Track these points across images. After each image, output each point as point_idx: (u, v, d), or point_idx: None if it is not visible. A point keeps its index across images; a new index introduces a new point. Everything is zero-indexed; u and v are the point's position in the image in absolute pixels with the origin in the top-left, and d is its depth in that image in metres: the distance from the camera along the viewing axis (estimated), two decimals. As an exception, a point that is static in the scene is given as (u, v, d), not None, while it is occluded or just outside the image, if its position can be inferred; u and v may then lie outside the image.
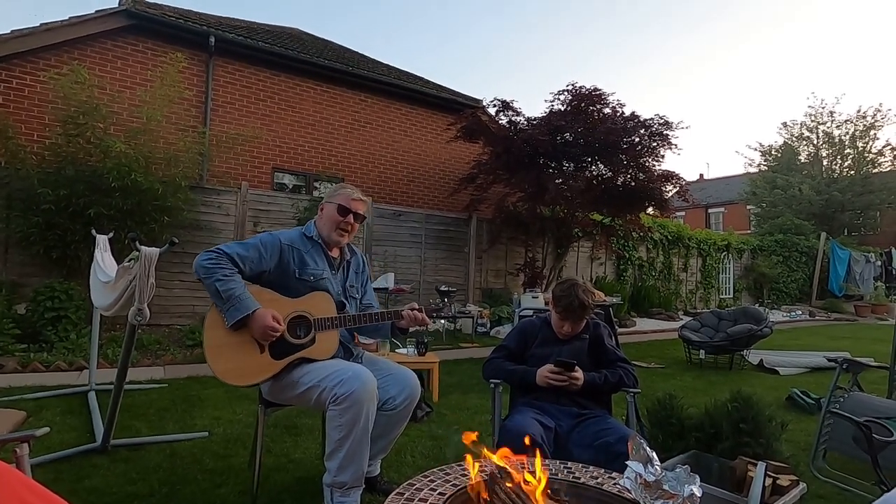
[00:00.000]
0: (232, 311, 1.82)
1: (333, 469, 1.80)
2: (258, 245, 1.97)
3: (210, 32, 7.33)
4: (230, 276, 1.85)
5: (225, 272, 1.85)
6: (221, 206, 6.54)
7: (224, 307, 1.83)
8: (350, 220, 2.07)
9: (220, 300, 1.83)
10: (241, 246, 1.96)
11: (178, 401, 3.49)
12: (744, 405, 2.28)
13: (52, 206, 5.02)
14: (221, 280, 1.83)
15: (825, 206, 18.92)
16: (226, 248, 1.92)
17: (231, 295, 1.82)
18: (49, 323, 4.81)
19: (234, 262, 1.90)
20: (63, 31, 6.42)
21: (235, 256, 1.90)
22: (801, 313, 12.62)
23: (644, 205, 8.61)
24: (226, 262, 1.87)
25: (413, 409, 2.06)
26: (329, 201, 2.11)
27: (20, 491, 0.56)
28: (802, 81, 65.91)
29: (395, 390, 1.99)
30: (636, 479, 1.12)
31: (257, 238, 2.02)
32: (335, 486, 1.81)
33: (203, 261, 1.86)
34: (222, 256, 1.88)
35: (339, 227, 2.06)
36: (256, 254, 1.95)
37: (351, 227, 2.08)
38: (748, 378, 5.12)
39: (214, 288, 1.83)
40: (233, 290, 1.83)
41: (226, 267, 1.86)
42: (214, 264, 1.85)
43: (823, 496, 2.40)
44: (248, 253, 1.94)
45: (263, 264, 1.97)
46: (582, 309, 2.09)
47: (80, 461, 2.42)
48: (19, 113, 6.12)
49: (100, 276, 2.90)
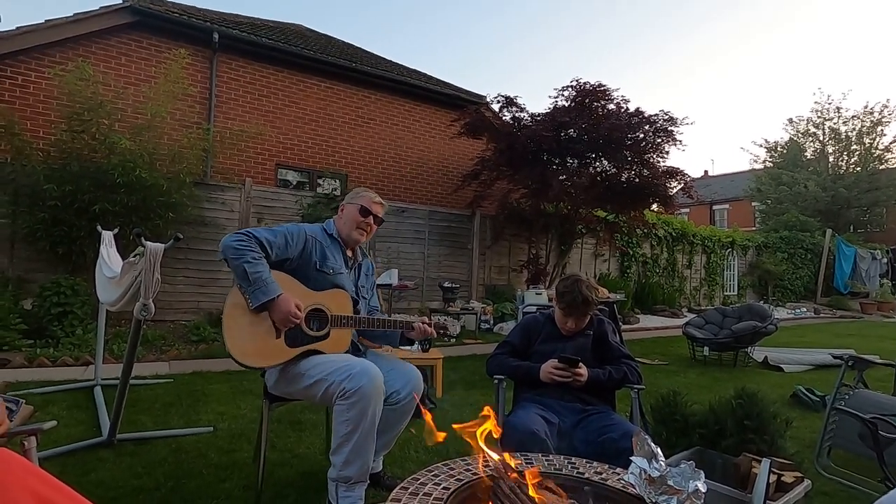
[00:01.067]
0: (257, 294, 1.85)
1: (339, 463, 1.81)
2: (285, 233, 2.02)
3: (214, 29, 7.33)
4: (258, 260, 1.88)
5: (254, 254, 1.88)
6: (225, 203, 6.56)
7: (249, 289, 1.86)
8: (370, 221, 2.18)
9: (247, 282, 1.85)
10: (269, 232, 2.00)
11: (183, 396, 3.51)
12: (748, 402, 2.27)
13: (58, 202, 5.05)
14: (251, 262, 1.85)
15: (831, 203, 18.81)
16: (255, 232, 1.94)
17: (258, 278, 1.85)
18: (55, 318, 4.84)
19: (263, 246, 1.92)
20: (67, 27, 6.44)
21: (264, 241, 1.93)
22: (806, 311, 12.57)
23: (648, 201, 8.56)
24: (255, 245, 1.90)
25: (415, 403, 2.07)
26: (351, 203, 2.20)
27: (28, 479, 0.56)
28: (809, 77, 65.41)
29: (399, 384, 2.00)
30: (640, 474, 1.11)
31: (284, 227, 2.07)
32: (340, 481, 1.82)
33: (232, 241, 1.88)
34: (252, 239, 1.91)
35: (360, 226, 2.16)
36: (283, 240, 2.00)
37: (370, 228, 2.19)
38: (752, 375, 5.11)
39: (243, 269, 1.84)
40: (260, 273, 1.86)
41: (254, 250, 1.89)
42: (245, 246, 1.88)
43: (828, 493, 2.39)
44: (276, 239, 1.98)
45: (289, 251, 2.01)
46: (585, 305, 2.08)
47: (87, 455, 2.44)
48: (25, 109, 6.14)
49: (105, 272, 2.92)
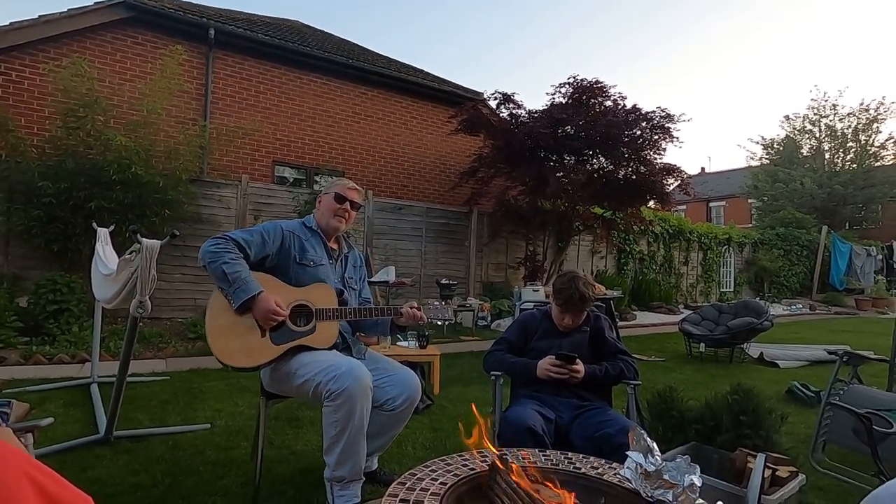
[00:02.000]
0: (238, 293, 1.86)
1: (332, 464, 1.82)
2: (261, 231, 2.05)
3: (210, 25, 7.29)
4: (236, 260, 1.90)
5: (231, 255, 1.90)
6: (222, 200, 6.54)
7: (230, 290, 1.87)
8: (346, 207, 2.17)
9: (227, 283, 1.86)
10: (245, 232, 2.03)
11: (180, 393, 3.51)
12: (744, 398, 2.28)
13: (53, 199, 5.02)
14: (228, 262, 1.87)
15: (827, 200, 18.87)
16: (231, 234, 1.98)
17: (237, 277, 1.86)
18: (51, 316, 4.83)
19: (240, 246, 1.95)
20: (62, 23, 6.39)
21: (241, 241, 1.96)
22: (802, 307, 12.62)
23: (645, 198, 8.57)
24: (231, 247, 1.92)
25: (412, 409, 2.08)
26: (326, 192, 2.21)
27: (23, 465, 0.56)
28: (805, 74, 65.52)
29: (396, 391, 2.00)
30: (636, 469, 1.12)
31: (260, 226, 2.09)
32: (334, 481, 1.83)
33: (209, 246, 1.91)
34: (228, 241, 1.93)
35: (336, 213, 2.15)
36: (260, 238, 2.01)
37: (348, 215, 2.18)
38: (748, 371, 5.13)
39: (221, 271, 1.86)
40: (238, 272, 1.87)
41: (231, 251, 1.91)
42: (221, 248, 1.90)
43: (823, 488, 2.42)
44: (252, 238, 2.00)
45: (267, 248, 2.03)
46: (582, 301, 2.09)
47: (84, 452, 2.44)
48: (19, 106, 6.10)
49: (101, 269, 2.91)
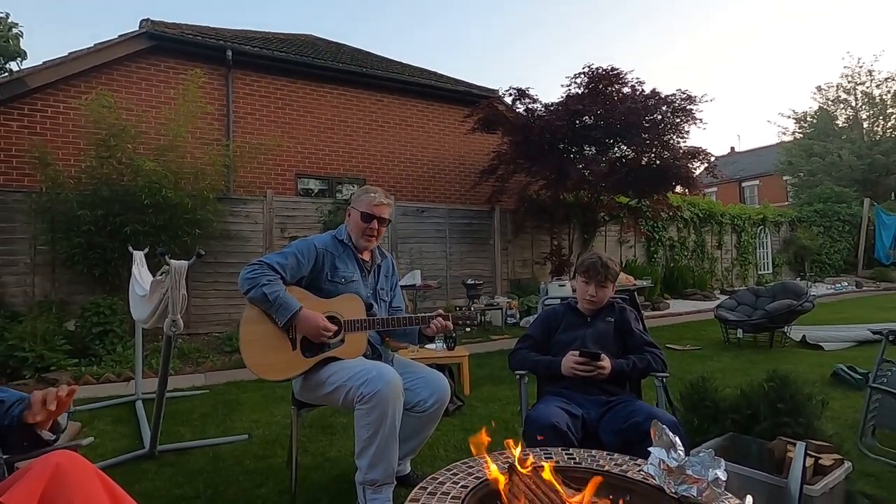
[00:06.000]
0: (281, 312, 1.92)
1: (364, 467, 1.85)
2: (295, 252, 2.07)
3: (227, 46, 7.50)
4: (273, 281, 1.95)
5: (268, 277, 1.96)
6: (249, 215, 6.72)
7: (272, 310, 1.93)
8: (374, 226, 2.14)
9: (269, 304, 1.93)
10: (279, 255, 2.06)
11: (218, 405, 3.63)
12: (781, 384, 2.20)
13: (92, 226, 5.27)
14: (266, 284, 1.93)
15: (868, 171, 17.94)
16: (265, 259, 2.03)
17: (276, 297, 1.92)
18: (97, 337, 5.06)
19: (275, 269, 1.99)
20: (90, 57, 6.69)
21: (276, 265, 2.00)
22: (848, 285, 12.07)
23: (671, 184, 8.36)
24: (267, 270, 1.98)
25: (443, 411, 2.10)
26: (354, 207, 2.18)
27: (98, 481, 0.60)
28: (835, 42, 62.47)
29: (426, 393, 2.03)
30: (660, 464, 1.10)
31: (293, 246, 2.11)
32: (367, 484, 1.86)
33: (246, 274, 1.98)
34: (263, 266, 1.99)
35: (366, 233, 2.14)
36: (294, 261, 2.04)
37: (377, 233, 2.16)
38: (790, 356, 4.95)
39: (262, 294, 1.92)
40: (277, 292, 1.93)
41: (267, 273, 1.97)
42: (258, 273, 1.96)
43: (874, 475, 2.31)
44: (287, 261, 2.03)
45: (302, 269, 2.06)
46: (605, 268, 2.11)
47: (131, 467, 2.55)
48: (56, 140, 6.41)
49: (137, 291, 3.04)
